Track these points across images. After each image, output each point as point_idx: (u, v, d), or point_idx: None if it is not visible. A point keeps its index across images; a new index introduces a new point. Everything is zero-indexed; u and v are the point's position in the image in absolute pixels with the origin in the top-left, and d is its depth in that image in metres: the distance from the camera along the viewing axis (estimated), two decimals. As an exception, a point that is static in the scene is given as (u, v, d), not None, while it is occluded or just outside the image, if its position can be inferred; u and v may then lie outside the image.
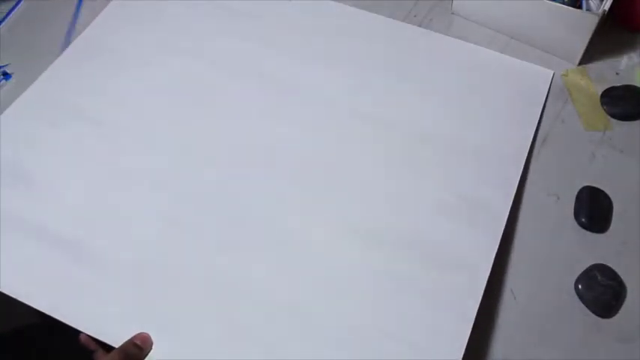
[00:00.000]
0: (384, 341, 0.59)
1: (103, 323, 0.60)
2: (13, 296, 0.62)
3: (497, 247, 0.63)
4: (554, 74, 0.73)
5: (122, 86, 0.75)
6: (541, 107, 0.71)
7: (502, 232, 0.64)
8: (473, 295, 0.61)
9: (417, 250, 0.63)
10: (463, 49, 0.76)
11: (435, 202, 0.66)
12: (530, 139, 0.69)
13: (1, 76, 0.78)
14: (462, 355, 0.57)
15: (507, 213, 0.65)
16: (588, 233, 0.64)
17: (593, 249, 0.63)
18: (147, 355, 0.57)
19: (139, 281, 0.62)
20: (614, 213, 0.65)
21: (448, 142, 0.69)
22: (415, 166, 0.68)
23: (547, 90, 0.72)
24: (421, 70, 0.75)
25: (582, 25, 0.68)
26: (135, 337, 0.58)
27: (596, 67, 0.73)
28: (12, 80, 0.78)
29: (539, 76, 0.73)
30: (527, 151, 0.68)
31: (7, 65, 0.79)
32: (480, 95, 0.72)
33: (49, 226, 0.66)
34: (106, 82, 0.76)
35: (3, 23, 0.82)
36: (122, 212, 0.66)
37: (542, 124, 0.70)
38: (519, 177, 0.67)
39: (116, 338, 0.58)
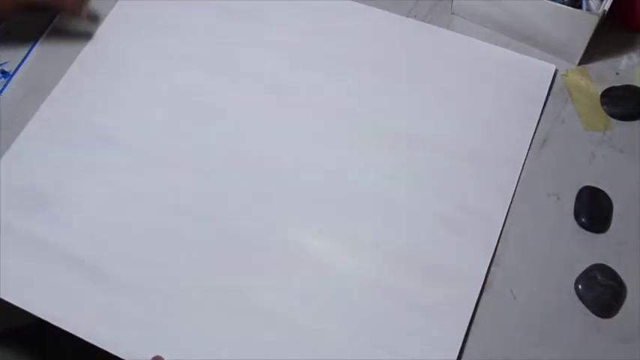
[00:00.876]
0: (378, 350, 0.59)
1: (123, 341, 0.61)
2: (43, 317, 0.63)
3: (491, 255, 0.63)
4: (556, 70, 0.73)
5: (133, 100, 0.74)
6: (541, 105, 0.71)
7: (497, 240, 0.64)
8: (467, 304, 0.61)
9: (412, 260, 0.63)
10: (463, 44, 0.75)
11: (432, 212, 0.66)
12: (529, 141, 0.69)
13: (0, 75, 0.78)
14: None
15: (503, 220, 0.65)
16: (588, 233, 0.64)
17: (593, 249, 0.63)
18: None
19: (157, 301, 0.63)
20: (614, 213, 0.65)
21: (447, 145, 0.69)
22: (413, 175, 0.68)
23: (549, 86, 0.72)
24: (421, 66, 0.74)
25: (582, 25, 0.68)
26: None
27: (596, 67, 0.73)
28: (14, 79, 0.78)
29: (540, 72, 0.73)
30: (525, 154, 0.68)
31: (5, 63, 0.78)
32: (481, 91, 0.72)
33: (69, 249, 0.66)
34: (118, 96, 0.75)
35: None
36: (137, 232, 0.67)
37: (542, 124, 0.70)
38: (516, 182, 0.67)
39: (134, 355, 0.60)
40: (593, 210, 0.64)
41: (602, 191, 0.66)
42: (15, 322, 0.74)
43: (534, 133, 0.69)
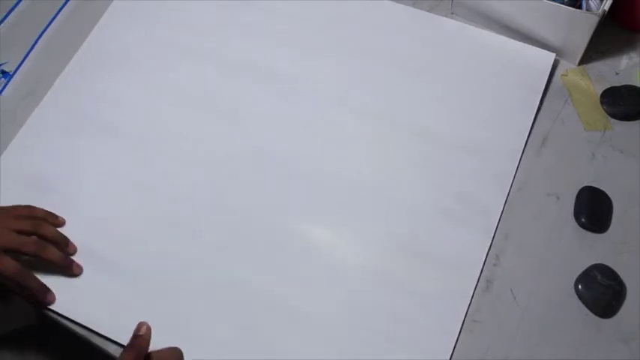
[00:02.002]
0: (376, 336, 0.60)
1: (123, 328, 0.60)
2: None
3: (488, 246, 0.63)
4: (556, 60, 0.73)
5: (134, 92, 0.75)
6: (540, 94, 0.71)
7: (494, 230, 0.64)
8: (463, 296, 0.61)
9: (409, 250, 0.64)
10: (463, 31, 0.76)
11: (431, 201, 0.66)
12: (528, 131, 0.69)
13: (0, 75, 0.78)
14: (449, 356, 0.58)
15: (501, 210, 0.65)
16: (588, 233, 0.64)
17: (593, 249, 0.63)
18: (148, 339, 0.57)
19: (158, 287, 0.63)
20: (614, 213, 0.65)
21: (446, 134, 0.69)
22: (413, 165, 0.68)
23: (548, 74, 0.72)
24: (421, 55, 0.74)
25: (582, 25, 0.68)
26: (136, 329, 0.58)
27: (596, 67, 0.73)
28: (15, 79, 0.77)
29: (540, 60, 0.73)
30: (524, 143, 0.68)
31: (5, 63, 0.78)
32: (480, 79, 0.72)
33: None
34: (118, 89, 0.75)
35: (3, 22, 0.82)
36: (138, 220, 0.67)
37: (542, 124, 0.70)
38: (514, 172, 0.67)
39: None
40: (593, 210, 0.64)
41: (602, 191, 0.66)
42: (15, 323, 0.74)
43: (533, 122, 0.69)
